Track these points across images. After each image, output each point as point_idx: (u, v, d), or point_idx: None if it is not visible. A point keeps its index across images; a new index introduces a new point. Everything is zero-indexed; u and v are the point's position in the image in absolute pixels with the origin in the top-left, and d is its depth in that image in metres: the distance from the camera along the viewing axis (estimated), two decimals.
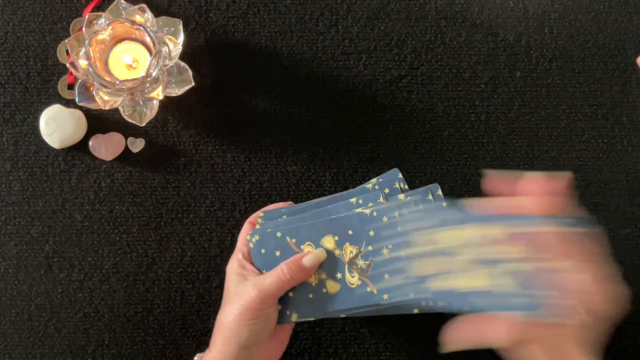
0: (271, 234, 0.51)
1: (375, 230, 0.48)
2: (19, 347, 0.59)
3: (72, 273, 0.60)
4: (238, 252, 0.53)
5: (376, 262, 0.48)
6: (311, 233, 0.50)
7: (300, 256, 0.49)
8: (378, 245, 0.48)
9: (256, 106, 0.62)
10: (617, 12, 0.64)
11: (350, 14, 0.63)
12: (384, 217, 0.48)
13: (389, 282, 0.47)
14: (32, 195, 0.60)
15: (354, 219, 0.49)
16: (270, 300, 0.48)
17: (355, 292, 0.48)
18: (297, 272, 0.49)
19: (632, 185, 0.62)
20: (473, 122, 0.62)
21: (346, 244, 0.49)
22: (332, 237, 0.49)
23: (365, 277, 0.48)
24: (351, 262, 0.49)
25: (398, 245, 0.47)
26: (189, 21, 0.62)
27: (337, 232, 0.49)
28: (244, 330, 0.47)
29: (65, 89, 0.61)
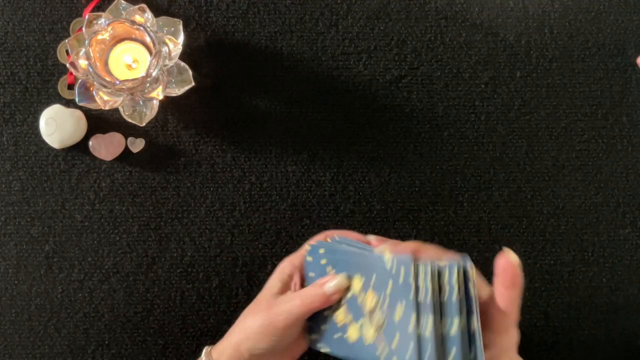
0: (317, 260, 0.49)
1: (392, 287, 0.42)
2: (19, 347, 0.59)
3: (72, 273, 0.60)
4: (297, 256, 0.51)
5: (388, 322, 0.43)
6: (348, 267, 0.47)
7: (324, 280, 0.48)
8: (393, 302, 0.42)
9: (256, 106, 0.62)
10: (617, 12, 0.64)
11: (350, 14, 0.63)
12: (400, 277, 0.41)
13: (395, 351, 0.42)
14: (32, 195, 0.60)
15: (377, 260, 0.44)
16: (296, 323, 0.47)
17: (366, 349, 0.45)
18: (319, 298, 0.47)
19: (632, 185, 0.62)
20: (473, 122, 0.62)
21: (369, 290, 0.45)
22: (360, 276, 0.46)
23: (380, 333, 0.44)
24: (371, 312, 0.45)
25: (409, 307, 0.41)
26: (189, 21, 0.62)
27: (364, 271, 0.45)
28: (263, 342, 0.47)
29: (65, 89, 0.61)
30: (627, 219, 0.62)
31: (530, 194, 0.62)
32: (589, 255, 0.61)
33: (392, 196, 0.61)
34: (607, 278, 0.61)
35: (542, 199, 0.62)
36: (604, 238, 0.62)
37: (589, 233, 0.62)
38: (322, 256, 0.49)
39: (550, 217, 0.61)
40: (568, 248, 0.61)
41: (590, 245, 0.61)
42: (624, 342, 0.61)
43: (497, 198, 0.62)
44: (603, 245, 0.61)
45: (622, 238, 0.62)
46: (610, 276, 0.61)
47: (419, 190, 0.62)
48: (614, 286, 0.61)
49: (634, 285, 0.61)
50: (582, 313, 0.61)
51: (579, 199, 0.62)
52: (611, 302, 0.61)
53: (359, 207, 0.61)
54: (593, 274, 0.61)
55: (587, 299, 0.61)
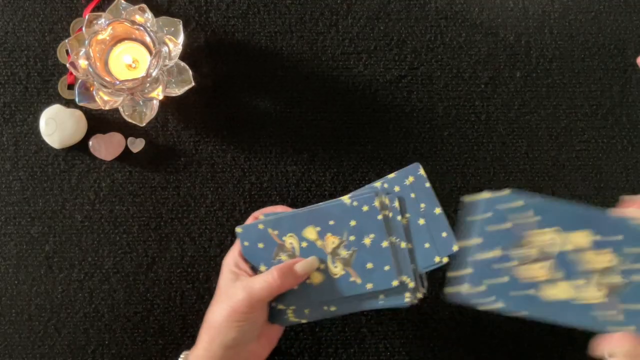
0: (253, 226, 0.51)
1: (357, 220, 0.48)
2: (19, 347, 0.59)
3: (72, 273, 0.60)
4: (235, 248, 0.53)
5: (359, 252, 0.48)
6: (292, 224, 0.50)
7: (293, 262, 0.49)
8: (361, 236, 0.48)
9: (256, 106, 0.62)
10: (617, 12, 0.64)
11: (350, 14, 0.63)
12: (364, 206, 0.48)
13: (372, 270, 0.48)
14: (32, 195, 0.60)
15: (335, 209, 0.49)
16: (258, 305, 0.48)
17: (338, 282, 0.49)
18: (288, 278, 0.48)
19: (632, 185, 0.62)
20: (473, 122, 0.62)
21: (328, 234, 0.49)
22: (313, 227, 0.49)
23: (349, 268, 0.48)
24: (334, 252, 0.49)
25: (381, 234, 0.47)
26: (189, 21, 0.62)
27: (319, 222, 0.49)
28: (231, 331, 0.47)
29: (65, 89, 0.61)
30: None
31: None
32: None
33: None
34: None
35: None
36: None
37: None
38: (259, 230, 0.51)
39: None
40: None
41: None
42: None
43: None
44: None
45: None
46: None
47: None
48: None
49: None
50: None
51: (579, 199, 0.62)
52: None
53: None
54: None
55: None
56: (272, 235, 0.51)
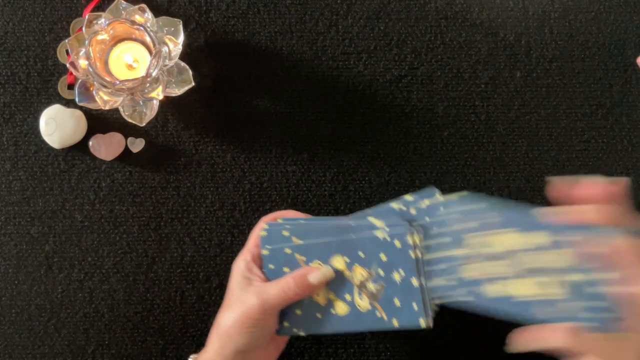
0: (280, 250, 0.50)
1: (387, 255, 0.46)
2: (19, 347, 0.59)
3: (72, 273, 0.60)
4: (247, 252, 0.52)
5: (387, 288, 0.47)
6: (321, 252, 0.48)
7: (307, 271, 0.48)
8: (390, 271, 0.46)
9: (256, 106, 0.62)
10: (617, 12, 0.64)
11: (350, 14, 0.63)
12: (396, 240, 0.46)
13: (399, 308, 0.46)
14: (32, 195, 0.60)
15: (367, 242, 0.47)
16: (272, 312, 0.48)
17: (364, 316, 0.47)
18: (302, 288, 0.48)
19: (632, 185, 0.62)
20: (473, 122, 0.62)
21: (355, 266, 0.47)
22: (341, 257, 0.48)
23: (376, 302, 0.47)
24: (361, 285, 0.47)
25: (411, 272, 0.46)
26: (189, 21, 0.62)
27: (348, 253, 0.48)
28: (242, 336, 0.47)
29: (65, 89, 0.61)
30: None
31: (530, 194, 0.62)
32: None
33: (392, 196, 0.61)
34: None
35: (542, 198, 0.62)
36: None
37: None
38: (283, 244, 0.49)
39: None
40: None
41: None
42: None
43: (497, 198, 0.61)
44: None
45: None
46: None
47: (419, 190, 0.61)
48: None
49: None
50: None
51: None
52: None
53: (359, 207, 0.61)
54: None
55: None
56: (299, 261, 0.49)
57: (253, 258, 0.51)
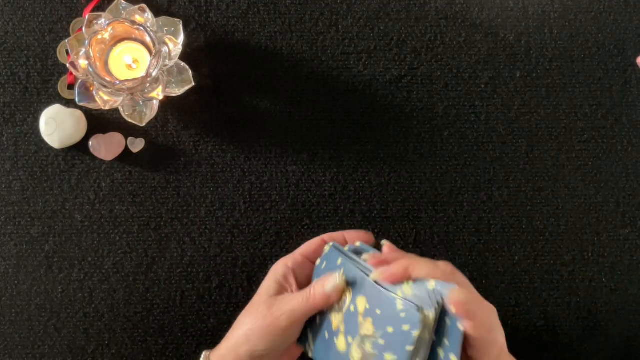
0: (336, 255, 0.49)
1: (394, 330, 0.43)
2: (19, 347, 0.59)
3: (72, 273, 0.60)
4: (291, 258, 0.51)
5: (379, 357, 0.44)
6: (357, 282, 0.46)
7: (325, 279, 0.47)
8: (387, 346, 0.44)
9: (256, 106, 0.62)
10: (617, 12, 0.64)
11: (350, 14, 0.63)
12: (405, 325, 0.43)
13: None
14: (32, 195, 0.60)
15: (387, 302, 0.44)
16: (298, 322, 0.47)
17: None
18: (320, 296, 0.46)
19: (632, 185, 0.62)
20: (473, 122, 0.62)
21: (369, 319, 0.45)
22: (366, 301, 0.46)
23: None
24: (363, 338, 0.45)
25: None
26: (189, 21, 0.62)
27: (372, 301, 0.45)
28: (262, 343, 0.46)
29: (65, 89, 0.61)
30: (627, 219, 0.62)
31: (530, 194, 0.62)
32: (589, 255, 0.61)
33: (392, 196, 0.61)
34: (607, 278, 0.61)
35: (542, 199, 0.62)
36: (604, 238, 0.62)
37: (589, 233, 0.62)
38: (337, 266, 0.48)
39: (550, 217, 0.61)
40: (568, 248, 0.61)
41: (590, 245, 0.61)
42: (624, 342, 0.61)
43: (497, 198, 0.62)
44: (603, 245, 0.61)
45: (622, 238, 0.62)
46: (610, 276, 0.61)
47: (419, 190, 0.62)
48: (614, 286, 0.61)
49: (634, 285, 0.61)
50: (582, 313, 0.61)
51: (579, 199, 0.62)
52: (611, 302, 0.61)
53: (359, 207, 0.61)
54: (593, 274, 0.61)
55: (587, 299, 0.61)
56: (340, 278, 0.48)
57: (294, 265, 0.50)
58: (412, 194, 0.61)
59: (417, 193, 0.61)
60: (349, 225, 0.61)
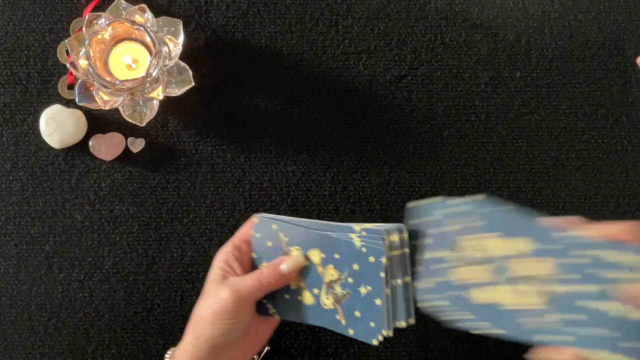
0: (269, 222, 0.50)
1: (360, 266, 0.46)
2: (19, 347, 0.59)
3: (72, 273, 0.60)
4: (231, 244, 0.51)
5: (352, 296, 0.47)
6: (303, 239, 0.49)
7: (280, 261, 0.49)
8: (358, 282, 0.46)
9: (256, 106, 0.62)
10: (617, 12, 0.64)
11: (350, 14, 0.63)
12: (370, 257, 0.46)
13: (358, 319, 0.46)
14: (32, 195, 0.60)
15: (344, 245, 0.47)
16: (246, 303, 0.48)
17: (325, 313, 0.48)
18: (276, 278, 0.48)
19: (632, 185, 0.62)
20: (473, 122, 0.62)
21: (330, 265, 0.48)
22: (319, 252, 0.48)
23: (338, 305, 0.47)
24: (330, 284, 0.48)
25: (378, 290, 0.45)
26: (189, 21, 0.62)
27: (326, 250, 0.48)
28: (216, 329, 0.47)
29: (65, 89, 0.61)
30: (627, 219, 0.62)
31: (530, 194, 0.62)
32: None
33: (392, 196, 0.61)
34: None
35: (542, 199, 0.62)
36: None
37: None
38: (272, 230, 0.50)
39: None
40: None
41: None
42: None
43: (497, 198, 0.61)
44: None
45: None
46: None
47: (419, 190, 0.62)
48: None
49: None
50: None
51: (579, 199, 0.62)
52: None
53: (359, 207, 0.61)
54: None
55: None
56: (281, 240, 0.50)
57: (234, 250, 0.51)
58: (412, 194, 0.61)
59: (417, 193, 0.61)
60: None
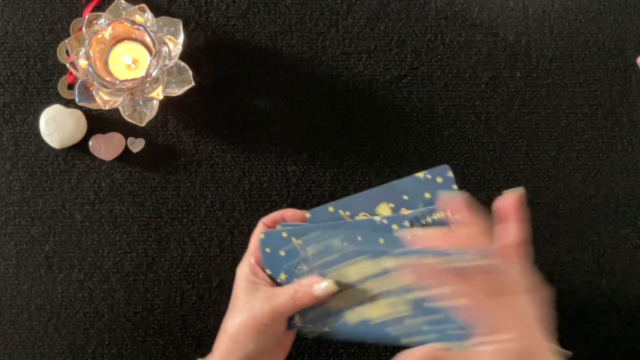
0: (277, 233, 0.50)
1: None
2: (19, 347, 0.59)
3: (72, 273, 0.60)
4: (250, 256, 0.51)
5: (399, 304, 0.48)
6: (318, 236, 0.49)
7: (313, 282, 0.47)
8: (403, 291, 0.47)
9: (256, 106, 0.62)
10: (617, 12, 0.64)
11: (350, 14, 0.63)
12: (394, 225, 0.47)
13: None
14: (32, 195, 0.60)
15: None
16: (281, 317, 0.47)
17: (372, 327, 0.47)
18: (308, 298, 0.47)
19: (632, 185, 0.62)
20: (473, 122, 0.62)
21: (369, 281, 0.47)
22: (340, 241, 0.48)
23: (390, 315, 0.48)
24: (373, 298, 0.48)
25: None
26: (189, 21, 0.62)
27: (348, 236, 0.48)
28: (251, 342, 0.46)
29: (65, 89, 0.61)
30: (627, 219, 0.62)
31: (530, 194, 0.62)
32: (589, 255, 0.61)
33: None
34: (607, 278, 0.61)
35: (542, 199, 0.62)
36: (604, 238, 0.62)
37: (589, 233, 0.62)
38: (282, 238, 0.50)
39: (550, 217, 0.61)
40: (568, 248, 0.61)
41: (590, 245, 0.61)
42: (624, 342, 0.61)
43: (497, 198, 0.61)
44: (603, 245, 0.61)
45: (622, 238, 0.62)
46: (610, 276, 0.61)
47: None
48: (614, 286, 0.61)
49: (634, 285, 0.61)
50: (582, 313, 0.61)
51: (579, 199, 0.62)
52: (611, 302, 0.61)
53: None
54: (593, 274, 0.61)
55: (587, 299, 0.61)
56: (295, 244, 0.49)
57: (257, 261, 0.51)
58: None
59: None
60: None
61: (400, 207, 0.48)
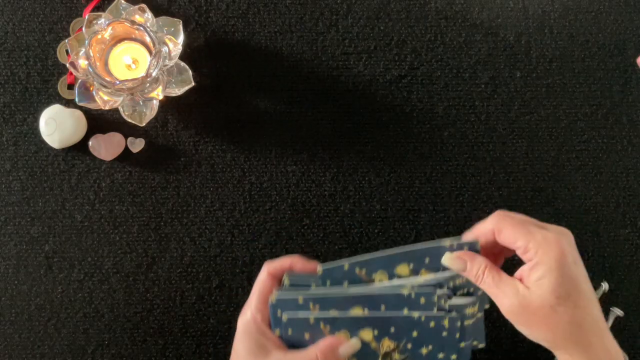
0: (302, 319, 0.46)
1: (419, 332, 0.46)
2: (19, 347, 0.59)
3: (72, 273, 0.60)
4: (255, 311, 0.46)
5: (411, 358, 0.47)
6: (349, 324, 0.46)
7: (336, 344, 0.45)
8: (419, 344, 0.47)
9: (256, 106, 0.62)
10: (617, 12, 0.64)
11: (350, 14, 0.63)
12: (432, 322, 0.46)
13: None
14: (32, 195, 0.60)
15: (399, 320, 0.46)
16: None
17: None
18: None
19: (632, 185, 0.62)
20: (473, 122, 0.62)
21: (385, 339, 0.47)
22: (371, 330, 0.47)
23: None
24: (386, 355, 0.47)
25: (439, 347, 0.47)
26: (189, 21, 0.62)
27: (378, 326, 0.46)
28: None
29: (65, 89, 0.61)
30: (627, 219, 0.62)
31: (530, 194, 0.62)
32: (589, 255, 0.61)
33: (392, 196, 0.61)
34: (607, 278, 0.61)
35: (542, 199, 0.62)
36: (604, 238, 0.62)
37: (589, 233, 0.62)
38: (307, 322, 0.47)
39: (550, 217, 0.61)
40: None
41: (590, 245, 0.61)
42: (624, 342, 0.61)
43: (497, 198, 0.62)
44: (603, 245, 0.61)
45: (622, 238, 0.62)
46: (610, 276, 0.61)
47: (419, 190, 0.62)
48: (614, 286, 0.61)
49: (634, 285, 0.61)
50: None
51: (579, 199, 0.62)
52: (611, 302, 0.61)
53: (359, 207, 0.61)
54: (593, 274, 0.61)
55: None
56: (323, 330, 0.46)
57: (262, 317, 0.46)
58: (412, 194, 0.61)
59: (417, 193, 0.61)
60: (349, 226, 0.61)
61: (384, 336, 0.47)
